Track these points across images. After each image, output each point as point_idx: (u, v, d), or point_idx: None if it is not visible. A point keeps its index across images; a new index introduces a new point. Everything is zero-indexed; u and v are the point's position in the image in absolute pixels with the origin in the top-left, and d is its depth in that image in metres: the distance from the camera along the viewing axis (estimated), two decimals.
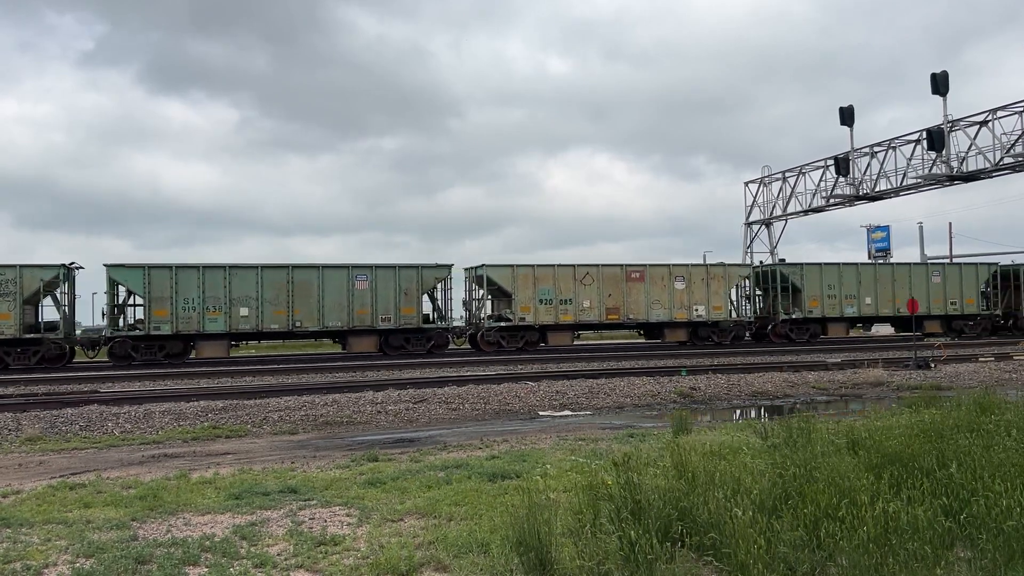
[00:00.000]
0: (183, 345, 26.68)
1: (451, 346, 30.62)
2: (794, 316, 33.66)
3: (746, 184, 48.32)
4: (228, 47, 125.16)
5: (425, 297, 29.27)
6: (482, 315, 31.36)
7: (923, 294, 34.91)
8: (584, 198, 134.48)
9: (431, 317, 29.67)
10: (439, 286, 29.70)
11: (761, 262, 40.86)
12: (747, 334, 34.31)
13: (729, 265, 33.85)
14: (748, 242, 47.97)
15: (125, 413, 13.93)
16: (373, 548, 5.65)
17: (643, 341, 35.06)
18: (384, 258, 30.61)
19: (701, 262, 35.14)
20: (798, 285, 33.76)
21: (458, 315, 31.86)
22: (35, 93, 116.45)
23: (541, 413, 14.81)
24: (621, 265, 31.71)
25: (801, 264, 34.25)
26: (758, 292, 35.33)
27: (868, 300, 34.53)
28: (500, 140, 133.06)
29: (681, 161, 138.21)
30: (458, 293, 32.58)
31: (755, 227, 47.88)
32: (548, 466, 8.51)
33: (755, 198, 47.65)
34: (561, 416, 14.48)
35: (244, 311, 26.59)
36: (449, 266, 29.83)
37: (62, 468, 9.68)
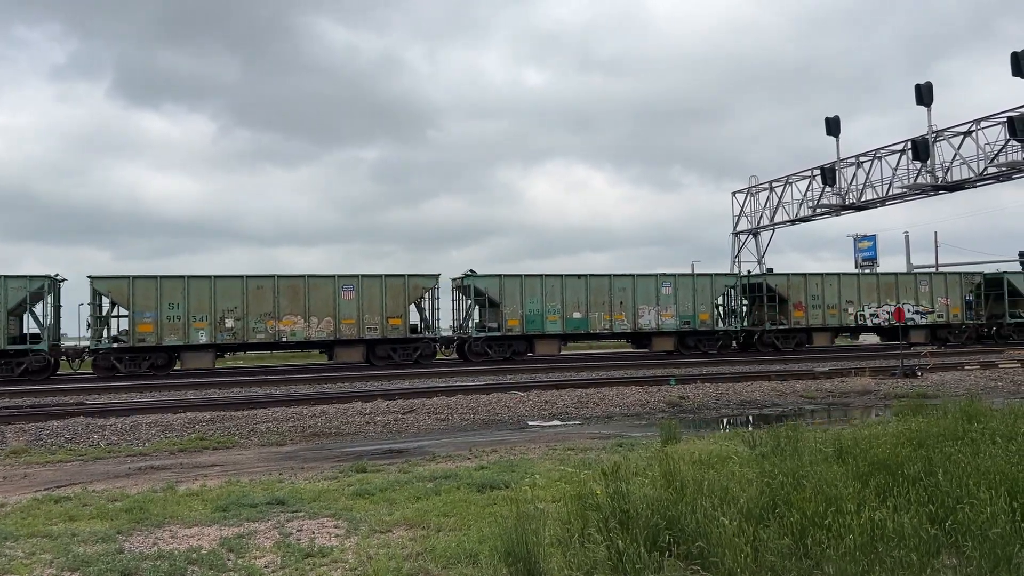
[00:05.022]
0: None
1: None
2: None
3: (733, 194, 48.71)
4: (197, 56, 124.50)
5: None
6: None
7: None
8: (566, 208, 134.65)
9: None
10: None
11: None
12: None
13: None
14: (736, 251, 48.29)
15: (111, 425, 13.82)
16: (362, 559, 5.63)
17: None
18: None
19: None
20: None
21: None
22: (11, 105, 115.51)
23: (530, 423, 14.80)
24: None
25: None
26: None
27: None
28: (480, 150, 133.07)
29: (661, 171, 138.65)
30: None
31: (743, 237, 48.18)
32: (537, 476, 8.50)
33: (742, 208, 48.00)
34: (550, 426, 14.47)
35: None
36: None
37: (47, 481, 9.60)
